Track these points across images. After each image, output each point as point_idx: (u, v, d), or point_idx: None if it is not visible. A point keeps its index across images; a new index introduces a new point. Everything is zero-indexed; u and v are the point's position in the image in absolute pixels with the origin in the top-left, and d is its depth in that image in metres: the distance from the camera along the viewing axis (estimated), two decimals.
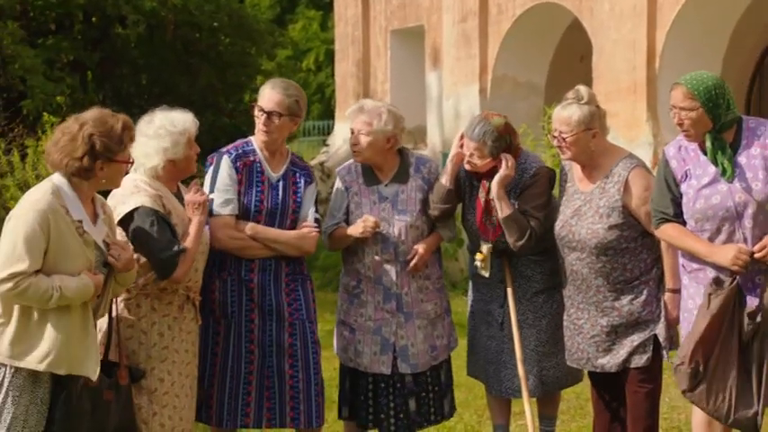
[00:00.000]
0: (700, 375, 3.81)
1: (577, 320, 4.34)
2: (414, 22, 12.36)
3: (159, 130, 3.93)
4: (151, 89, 13.51)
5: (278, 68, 18.14)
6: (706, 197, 3.87)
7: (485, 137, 4.34)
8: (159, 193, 3.95)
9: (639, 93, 8.91)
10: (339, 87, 14.23)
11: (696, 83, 3.83)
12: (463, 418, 5.74)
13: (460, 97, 11.11)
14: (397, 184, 4.51)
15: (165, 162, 3.95)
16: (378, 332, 4.47)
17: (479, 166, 4.41)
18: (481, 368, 4.68)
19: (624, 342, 4.23)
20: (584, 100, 4.19)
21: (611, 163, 4.23)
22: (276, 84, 4.35)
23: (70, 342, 3.48)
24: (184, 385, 4.04)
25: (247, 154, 4.35)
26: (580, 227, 4.23)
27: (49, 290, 3.40)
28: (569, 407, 5.84)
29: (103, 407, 3.60)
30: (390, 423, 4.50)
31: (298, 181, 4.41)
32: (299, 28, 28.34)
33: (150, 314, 3.96)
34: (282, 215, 4.34)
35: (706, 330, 3.79)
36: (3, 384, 3.45)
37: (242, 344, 4.29)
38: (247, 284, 4.30)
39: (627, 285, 4.22)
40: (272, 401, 4.31)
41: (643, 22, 8.86)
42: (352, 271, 4.54)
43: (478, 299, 4.67)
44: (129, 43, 13.74)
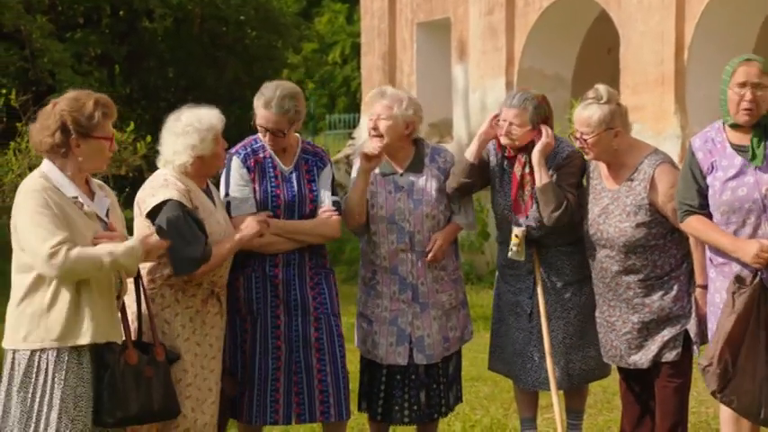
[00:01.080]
0: (729, 375, 3.78)
1: (609, 317, 4.32)
2: (440, 15, 12.30)
3: (187, 128, 3.97)
4: (178, 82, 13.56)
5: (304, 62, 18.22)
6: (732, 189, 3.85)
7: (525, 103, 4.35)
8: (188, 188, 3.97)
9: (667, 85, 8.83)
10: (365, 80, 14.20)
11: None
12: (489, 411, 5.73)
13: (487, 90, 11.05)
14: (413, 174, 4.48)
15: (193, 159, 3.98)
16: (394, 323, 4.46)
17: (518, 135, 4.37)
18: (507, 361, 4.66)
19: (655, 338, 4.21)
20: (604, 99, 4.15)
21: (636, 160, 4.20)
22: (269, 99, 4.26)
23: (103, 313, 3.56)
24: (207, 379, 4.05)
25: (257, 151, 4.34)
26: (608, 225, 4.21)
27: (100, 256, 3.47)
28: (596, 401, 5.80)
29: (146, 383, 3.65)
30: (404, 415, 4.49)
31: (311, 169, 4.39)
32: (325, 21, 28.33)
33: (174, 305, 3.98)
34: (301, 206, 4.33)
35: (732, 330, 3.77)
36: (48, 368, 3.49)
37: (268, 340, 4.28)
38: (272, 280, 4.29)
39: (657, 281, 4.19)
40: (300, 396, 4.30)
41: (671, 14, 8.78)
42: (368, 262, 4.54)
43: (506, 290, 4.65)
44: (157, 37, 13.81)
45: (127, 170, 9.93)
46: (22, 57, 11.93)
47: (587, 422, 5.24)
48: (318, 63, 24.36)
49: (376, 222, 4.48)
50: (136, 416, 3.63)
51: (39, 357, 3.49)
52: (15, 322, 3.53)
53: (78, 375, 3.52)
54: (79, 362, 3.52)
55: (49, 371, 3.49)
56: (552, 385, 4.42)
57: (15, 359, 3.52)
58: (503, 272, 4.68)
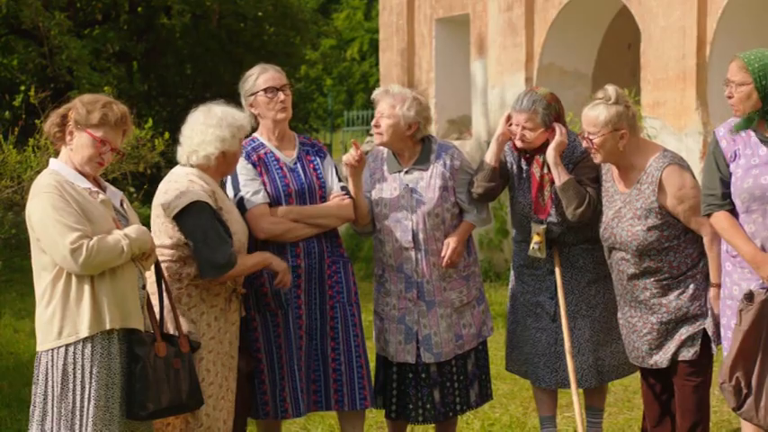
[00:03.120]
0: (743, 392, 3.79)
1: (631, 318, 4.31)
2: (459, 11, 12.25)
3: (221, 121, 4.01)
4: (195, 79, 13.58)
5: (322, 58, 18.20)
6: (755, 177, 3.81)
7: (535, 105, 4.35)
8: (212, 188, 4.01)
9: (689, 81, 8.75)
10: (383, 77, 14.16)
11: (753, 58, 3.77)
12: (509, 409, 5.72)
13: (506, 86, 11.00)
14: (418, 171, 4.48)
15: (219, 152, 4.01)
16: (402, 321, 4.47)
17: (531, 138, 4.39)
18: (526, 362, 4.63)
19: (674, 336, 4.20)
20: (612, 100, 4.14)
21: (645, 162, 4.18)
22: (262, 67, 4.41)
23: (125, 300, 3.60)
24: (227, 378, 4.08)
25: (257, 149, 4.38)
26: (621, 229, 4.20)
27: (118, 241, 3.52)
28: (617, 399, 5.79)
29: (175, 375, 3.70)
30: (418, 414, 4.48)
31: (313, 159, 4.45)
32: (343, 17, 28.34)
33: (199, 305, 4.00)
34: (311, 194, 4.37)
35: (741, 347, 3.77)
36: (84, 362, 3.53)
37: (296, 332, 4.32)
38: (295, 271, 4.30)
39: (674, 281, 4.19)
40: (317, 384, 4.35)
41: (693, 9, 8.70)
42: (378, 260, 4.57)
43: (525, 291, 4.62)
44: (174, 33, 13.84)
45: (145, 167, 9.95)
46: (40, 54, 11.98)
47: (608, 421, 5.23)
48: (336, 59, 24.39)
49: (381, 220, 4.48)
50: (167, 408, 3.67)
51: (74, 353, 3.52)
52: (46, 323, 3.56)
53: (109, 367, 3.56)
54: (109, 353, 3.56)
55: (86, 366, 3.52)
56: (573, 384, 4.41)
57: (51, 360, 3.54)
58: (521, 272, 4.65)
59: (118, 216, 3.67)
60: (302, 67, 14.27)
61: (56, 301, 3.53)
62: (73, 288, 3.53)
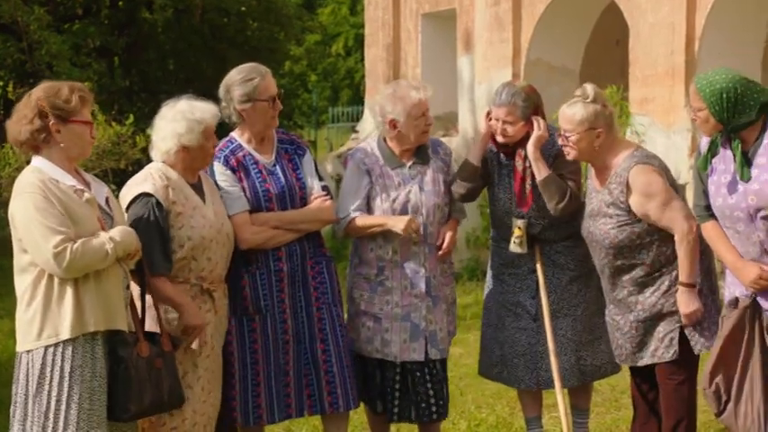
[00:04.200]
0: (724, 397, 3.82)
1: (615, 316, 4.33)
2: (445, 6, 12.23)
3: (177, 115, 3.97)
4: (178, 75, 13.50)
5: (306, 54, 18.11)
6: (724, 196, 3.82)
7: (514, 98, 4.34)
8: (167, 183, 3.96)
9: (677, 77, 8.75)
10: (369, 73, 14.11)
11: (705, 83, 3.78)
12: (495, 410, 5.70)
13: (493, 82, 10.93)
14: (420, 165, 4.46)
15: (177, 147, 3.98)
16: (407, 318, 4.41)
17: (512, 132, 4.37)
18: (501, 363, 4.60)
19: (653, 335, 4.21)
20: (590, 98, 4.16)
21: (617, 162, 4.19)
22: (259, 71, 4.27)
23: (109, 300, 3.58)
24: (201, 378, 4.03)
25: (235, 151, 4.31)
26: (595, 228, 4.23)
27: (103, 244, 3.49)
28: (604, 399, 5.78)
29: (156, 375, 3.68)
30: (432, 411, 4.45)
31: (292, 158, 4.39)
32: (328, 12, 28.27)
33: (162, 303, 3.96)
34: (292, 197, 4.32)
35: (721, 353, 3.80)
36: (63, 365, 3.50)
37: (278, 337, 4.28)
38: (278, 275, 4.28)
39: (649, 278, 4.19)
40: (311, 388, 4.32)
41: (682, 5, 8.69)
42: (372, 259, 4.45)
43: (504, 290, 4.59)
44: (157, 28, 13.74)
45: (126, 164, 9.84)
46: (19, 49, 11.85)
47: (595, 421, 5.23)
48: (321, 55, 24.35)
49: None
50: (148, 408, 3.66)
51: (53, 354, 3.49)
52: (27, 324, 3.51)
53: (93, 369, 3.54)
54: (93, 355, 3.54)
55: (65, 368, 3.49)
56: (557, 384, 4.39)
57: (30, 360, 3.49)
58: (500, 272, 4.62)
59: (103, 214, 3.63)
60: (286, 63, 14.20)
61: (37, 301, 3.50)
62: (55, 289, 3.49)
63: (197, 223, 3.98)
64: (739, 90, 3.73)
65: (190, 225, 3.96)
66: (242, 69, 4.29)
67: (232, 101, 4.25)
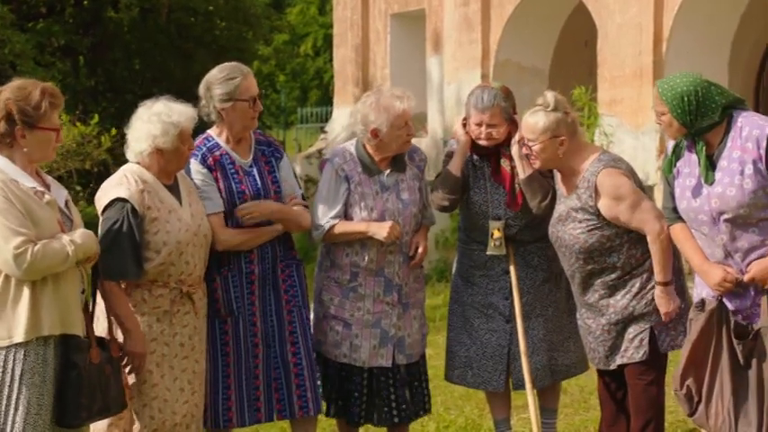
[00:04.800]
0: (695, 399, 3.84)
1: (587, 320, 4.33)
2: (414, 6, 12.22)
3: (152, 117, 3.93)
4: (144, 75, 13.38)
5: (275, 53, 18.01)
6: (688, 199, 3.84)
7: (496, 100, 4.35)
8: (143, 188, 3.92)
9: (646, 78, 8.79)
10: (337, 73, 14.07)
11: (667, 87, 3.79)
12: (464, 411, 5.68)
13: (462, 83, 11.00)
14: (397, 173, 4.44)
15: (151, 149, 3.94)
16: (377, 325, 4.40)
17: (498, 135, 4.39)
18: (467, 365, 4.58)
19: (624, 336, 4.22)
20: (551, 107, 4.16)
21: (583, 166, 4.19)
22: (240, 71, 4.25)
23: (66, 305, 3.54)
24: (178, 379, 4.00)
25: (212, 150, 4.26)
26: (563, 232, 4.23)
27: (64, 246, 3.46)
28: (573, 400, 5.78)
29: (106, 381, 3.66)
30: (393, 415, 4.45)
31: (269, 160, 4.36)
32: (297, 12, 28.19)
33: (140, 305, 3.94)
34: (266, 199, 4.29)
35: (690, 355, 3.82)
36: (15, 367, 3.45)
37: (248, 339, 4.26)
38: (249, 277, 4.25)
39: (620, 281, 4.19)
40: (280, 392, 4.29)
41: (649, 6, 8.73)
42: (346, 264, 4.41)
43: (475, 292, 4.57)
44: (122, 27, 13.62)
45: (92, 165, 9.72)
46: None
47: (564, 422, 5.22)
48: (290, 55, 24.27)
49: None
50: (96, 414, 3.64)
51: (5, 356, 3.44)
52: None
53: (43, 374, 3.49)
54: (45, 360, 3.49)
55: (15, 371, 3.44)
56: (528, 385, 4.38)
57: None
58: (470, 274, 4.60)
59: (63, 217, 3.59)
60: (254, 63, 14.12)
61: None
62: (11, 291, 3.44)
63: (172, 228, 3.94)
64: (700, 93, 3.73)
65: (165, 230, 3.92)
66: (224, 68, 4.25)
67: (212, 99, 4.21)
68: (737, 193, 3.69)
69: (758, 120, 3.76)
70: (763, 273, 3.71)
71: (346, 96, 13.58)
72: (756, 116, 3.80)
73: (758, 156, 3.67)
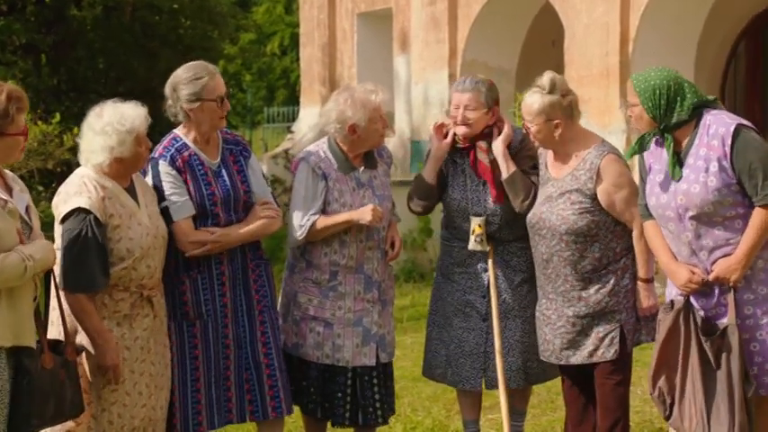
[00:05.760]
0: (668, 400, 3.87)
1: (546, 311, 4.32)
2: (381, 5, 12.21)
3: (106, 128, 3.86)
4: (108, 73, 13.25)
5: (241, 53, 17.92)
6: (657, 195, 3.87)
7: (478, 85, 4.38)
8: (103, 195, 3.87)
9: (612, 78, 8.85)
10: (304, 72, 14.01)
11: (640, 80, 3.83)
12: (431, 412, 5.66)
13: (429, 83, 11.00)
14: (370, 170, 4.46)
15: (110, 160, 3.89)
16: (359, 323, 4.40)
17: (474, 119, 4.38)
18: (446, 364, 4.58)
19: (590, 334, 4.21)
20: (546, 89, 4.16)
21: (583, 150, 4.21)
22: (208, 70, 4.21)
23: (21, 315, 3.49)
24: (138, 383, 3.97)
25: (181, 150, 4.22)
26: (550, 213, 4.21)
27: (23, 260, 3.40)
28: (540, 401, 5.77)
29: (60, 386, 3.59)
30: (378, 415, 4.45)
31: (237, 160, 4.33)
32: (263, 11, 28.06)
33: (101, 309, 3.89)
34: (236, 201, 4.26)
35: (660, 356, 3.85)
36: None
37: (219, 341, 4.22)
38: (219, 278, 4.22)
39: (594, 274, 4.19)
40: (252, 393, 4.27)
41: (616, 6, 8.77)
42: (324, 264, 4.40)
43: (454, 290, 4.57)
44: (86, 25, 13.46)
45: (54, 164, 9.59)
46: None
47: (531, 422, 5.22)
48: (256, 54, 24.18)
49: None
50: (50, 420, 3.58)
51: None
52: None
53: None
54: None
55: None
56: (501, 385, 4.38)
57: None
58: (450, 271, 4.60)
59: (22, 224, 3.51)
60: (220, 62, 14.01)
61: None
62: None
63: (135, 234, 3.91)
64: (672, 88, 3.78)
65: (128, 237, 3.89)
66: (190, 67, 4.21)
67: (179, 100, 4.16)
68: (702, 190, 3.71)
69: (726, 118, 3.78)
70: (727, 271, 3.73)
71: (313, 96, 13.53)
72: (725, 115, 3.82)
73: (723, 153, 3.70)
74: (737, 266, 3.71)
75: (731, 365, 3.72)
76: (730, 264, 3.72)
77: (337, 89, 4.62)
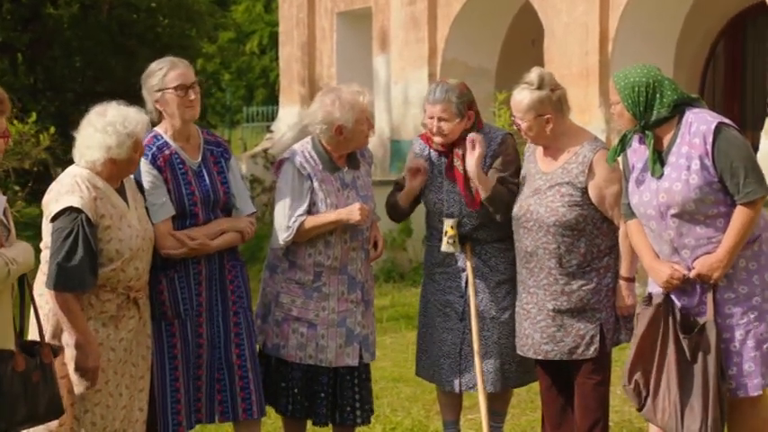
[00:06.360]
0: (643, 393, 3.87)
1: (527, 305, 4.30)
2: (361, 4, 12.20)
3: (108, 127, 3.84)
4: (85, 72, 13.14)
5: (219, 51, 17.83)
6: (640, 193, 3.87)
7: (448, 94, 4.34)
8: (95, 195, 3.85)
9: (592, 77, 8.88)
10: (283, 72, 13.96)
11: (621, 77, 3.85)
12: (411, 413, 5.64)
13: (409, 82, 11.00)
14: (353, 170, 4.47)
15: (105, 159, 3.86)
16: (342, 324, 4.40)
17: (448, 130, 4.38)
18: (433, 364, 4.58)
19: (569, 330, 4.21)
20: (535, 85, 4.15)
21: (575, 144, 4.20)
22: (171, 62, 4.22)
23: (4, 317, 3.46)
24: (120, 384, 3.95)
25: (162, 149, 4.21)
26: (539, 205, 4.20)
27: (6, 264, 3.38)
28: (519, 401, 5.74)
29: (34, 389, 3.53)
30: (357, 416, 4.46)
31: (218, 160, 4.33)
32: (242, 9, 27.96)
33: (87, 310, 3.86)
34: (216, 202, 4.27)
35: (637, 349, 3.86)
36: None
37: (194, 340, 4.22)
38: (196, 277, 4.22)
39: (578, 270, 4.19)
40: (223, 394, 4.26)
41: (595, 5, 8.79)
42: (309, 265, 4.38)
43: (436, 290, 4.58)
44: (62, 24, 13.34)
45: (30, 164, 9.50)
46: None
47: (510, 423, 5.21)
48: (235, 53, 24.09)
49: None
50: (21, 423, 3.50)
51: None
52: None
53: None
54: None
55: None
56: (480, 386, 4.36)
57: None
58: (432, 271, 4.61)
59: (1, 228, 3.48)
60: (199, 61, 13.94)
61: None
62: None
63: (125, 235, 3.89)
64: (652, 85, 3.78)
65: (118, 238, 3.87)
66: (152, 64, 4.23)
67: (147, 95, 4.19)
68: (683, 188, 3.72)
69: (707, 116, 3.78)
70: (708, 269, 3.74)
71: (292, 95, 13.49)
72: (706, 113, 3.82)
73: (704, 151, 3.70)
74: (719, 265, 3.72)
75: (707, 362, 3.73)
76: (712, 262, 3.73)
77: (322, 90, 4.59)
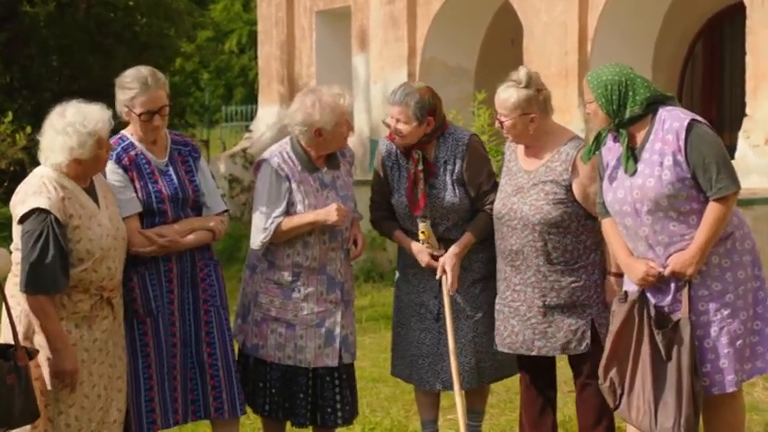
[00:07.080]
0: (618, 391, 3.89)
1: (513, 303, 4.30)
2: (340, 3, 12.17)
3: (68, 128, 3.80)
4: (62, 71, 13.05)
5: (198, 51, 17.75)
6: (614, 190, 3.90)
7: (407, 98, 4.36)
8: (63, 195, 3.81)
9: (571, 77, 8.89)
10: (262, 71, 13.91)
11: (594, 76, 3.88)
12: (390, 413, 5.64)
13: (389, 81, 10.98)
14: (332, 171, 4.46)
15: (69, 161, 3.83)
16: (321, 324, 4.40)
17: (406, 132, 4.38)
18: (410, 364, 4.59)
19: (561, 326, 4.23)
20: (522, 83, 4.16)
21: (558, 143, 4.22)
22: (142, 83, 4.12)
23: None
24: (96, 385, 3.93)
25: (127, 149, 4.20)
26: (522, 204, 4.22)
27: None
28: (499, 400, 5.76)
29: (8, 392, 3.51)
30: (338, 417, 4.45)
31: (186, 160, 4.32)
32: (221, 8, 27.88)
33: (60, 310, 3.84)
34: (185, 199, 4.25)
35: (612, 347, 3.88)
36: None
37: (168, 339, 4.21)
38: (167, 275, 4.21)
39: (566, 267, 4.21)
40: (195, 393, 4.27)
41: (574, 5, 8.81)
42: (287, 265, 4.38)
43: (410, 291, 4.59)
44: (39, 22, 13.23)
45: (7, 164, 9.43)
46: None
47: (489, 422, 5.22)
48: (214, 52, 23.99)
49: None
50: None
51: None
52: None
53: None
54: None
55: None
56: (456, 385, 4.36)
57: None
58: (405, 272, 4.62)
59: None
60: (177, 60, 13.87)
61: None
62: None
63: (95, 235, 3.86)
64: (625, 83, 3.81)
65: (88, 238, 3.84)
66: (131, 73, 4.16)
67: (118, 102, 4.17)
68: (656, 184, 3.74)
69: (680, 113, 3.81)
70: (682, 266, 3.76)
71: (271, 94, 13.44)
72: (679, 110, 3.85)
73: (677, 147, 3.73)
74: (692, 261, 3.74)
75: (681, 359, 3.74)
76: (685, 258, 3.75)
77: (302, 90, 4.58)
